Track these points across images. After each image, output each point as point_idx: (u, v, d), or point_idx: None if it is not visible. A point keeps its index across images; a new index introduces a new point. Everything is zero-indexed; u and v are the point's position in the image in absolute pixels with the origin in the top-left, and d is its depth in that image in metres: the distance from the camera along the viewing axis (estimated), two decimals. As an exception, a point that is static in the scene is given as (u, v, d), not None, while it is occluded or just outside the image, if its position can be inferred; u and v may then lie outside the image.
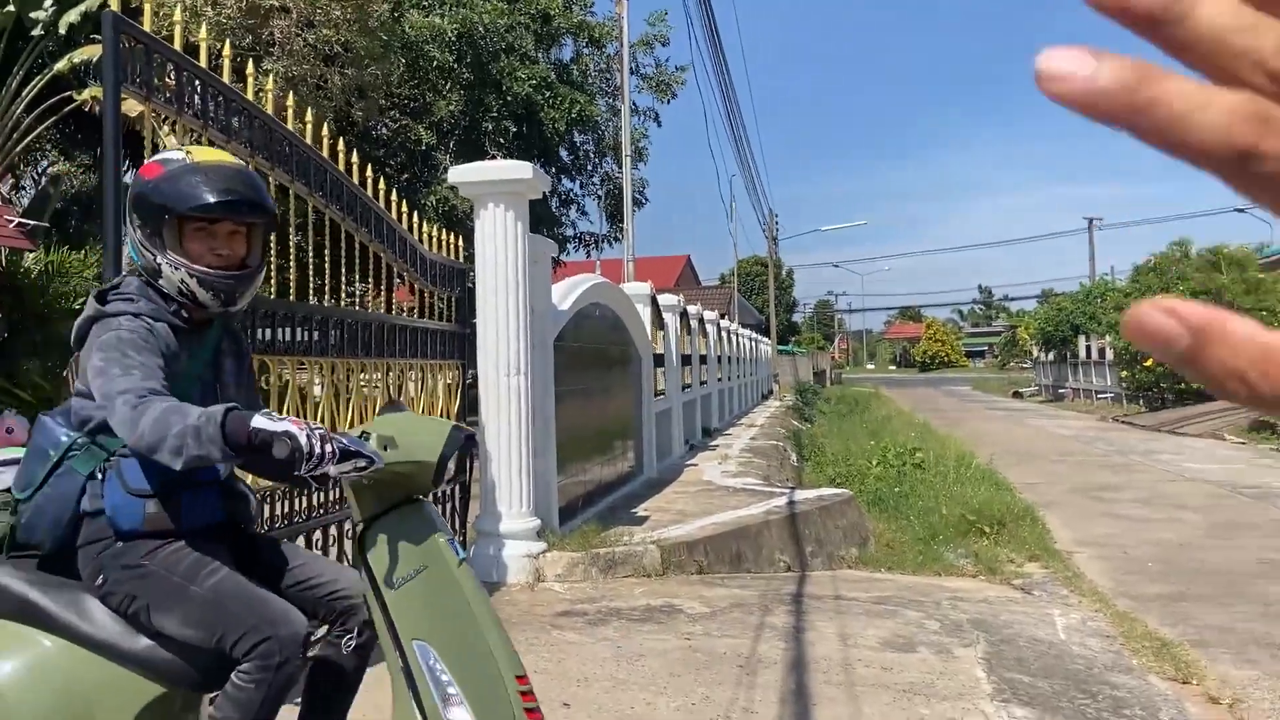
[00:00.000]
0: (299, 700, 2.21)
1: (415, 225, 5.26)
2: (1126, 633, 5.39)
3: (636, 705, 3.77)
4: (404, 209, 5.09)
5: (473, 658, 1.94)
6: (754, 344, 28.32)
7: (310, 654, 2.11)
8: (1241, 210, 53.82)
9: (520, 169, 5.60)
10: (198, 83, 3.48)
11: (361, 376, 4.59)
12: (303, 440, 1.77)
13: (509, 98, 17.13)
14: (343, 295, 4.55)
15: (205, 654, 2.01)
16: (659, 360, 11.53)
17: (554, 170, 23.10)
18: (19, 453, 2.15)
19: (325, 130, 4.53)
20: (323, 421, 4.18)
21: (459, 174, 5.71)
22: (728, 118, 28.67)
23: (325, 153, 4.36)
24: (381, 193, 4.87)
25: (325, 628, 2.21)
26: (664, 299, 12.16)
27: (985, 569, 7.16)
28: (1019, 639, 5.13)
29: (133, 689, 1.99)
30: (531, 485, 5.78)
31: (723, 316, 21.14)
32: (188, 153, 2.11)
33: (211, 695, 2.11)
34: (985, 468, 11.63)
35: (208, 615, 1.97)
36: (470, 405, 5.99)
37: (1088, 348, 34.20)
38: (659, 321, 11.72)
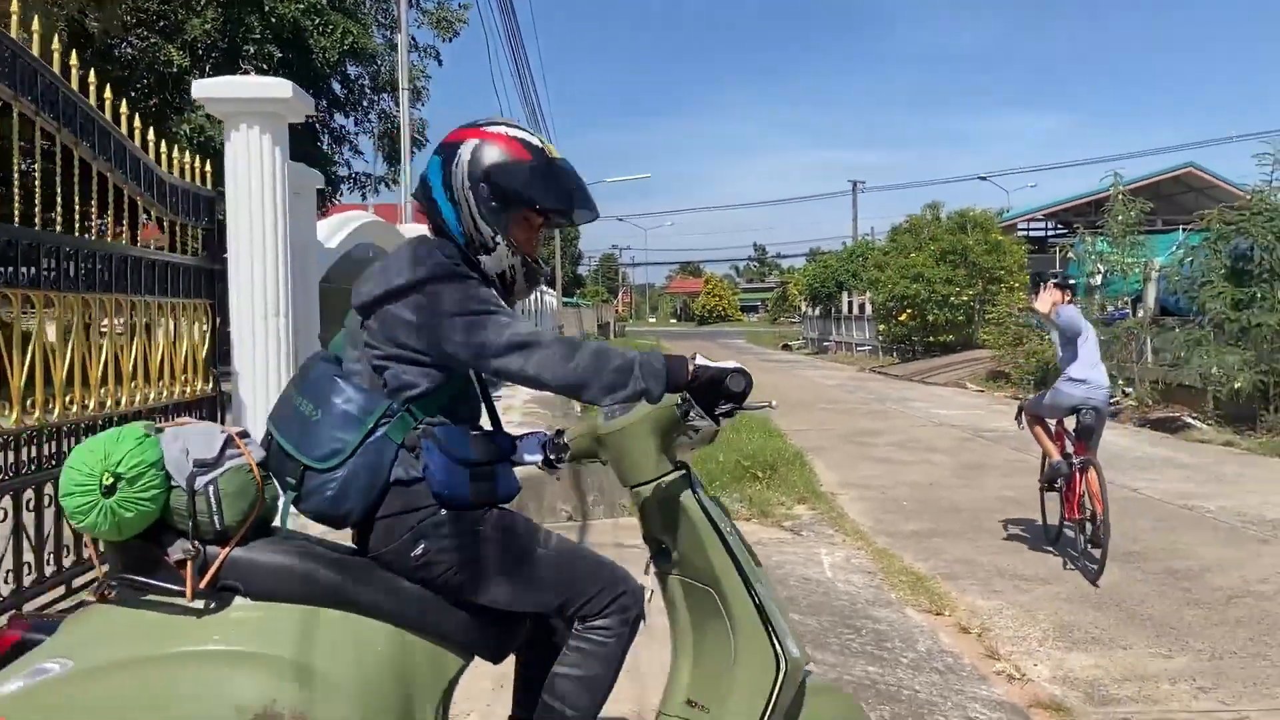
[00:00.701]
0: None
1: (161, 150, 4.62)
2: (885, 568, 5.69)
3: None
4: (136, 125, 4.43)
5: (772, 596, 2.16)
6: (540, 295, 28.12)
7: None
8: (984, 178, 58.79)
9: (278, 86, 5.04)
10: None
11: (89, 314, 3.98)
12: (750, 376, 1.95)
13: (273, 20, 15.77)
14: (57, 220, 3.90)
15: (510, 620, 2.01)
16: (438, 307, 11.09)
17: (325, 104, 21.74)
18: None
19: (36, 24, 3.84)
20: (35, 363, 3.59)
21: (206, 88, 5.07)
22: (514, 62, 27.86)
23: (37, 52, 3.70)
24: (108, 103, 4.22)
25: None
26: (444, 243, 11.70)
27: (759, 512, 7.38)
28: (790, 579, 5.28)
29: (443, 662, 1.94)
30: (293, 437, 5.32)
31: (506, 265, 20.74)
32: (542, 143, 2.07)
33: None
34: (759, 416, 12.08)
35: (557, 575, 2.00)
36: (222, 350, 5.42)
37: (850, 303, 36.45)
38: (438, 267, 11.26)
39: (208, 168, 5.28)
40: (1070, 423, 5.95)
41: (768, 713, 2.04)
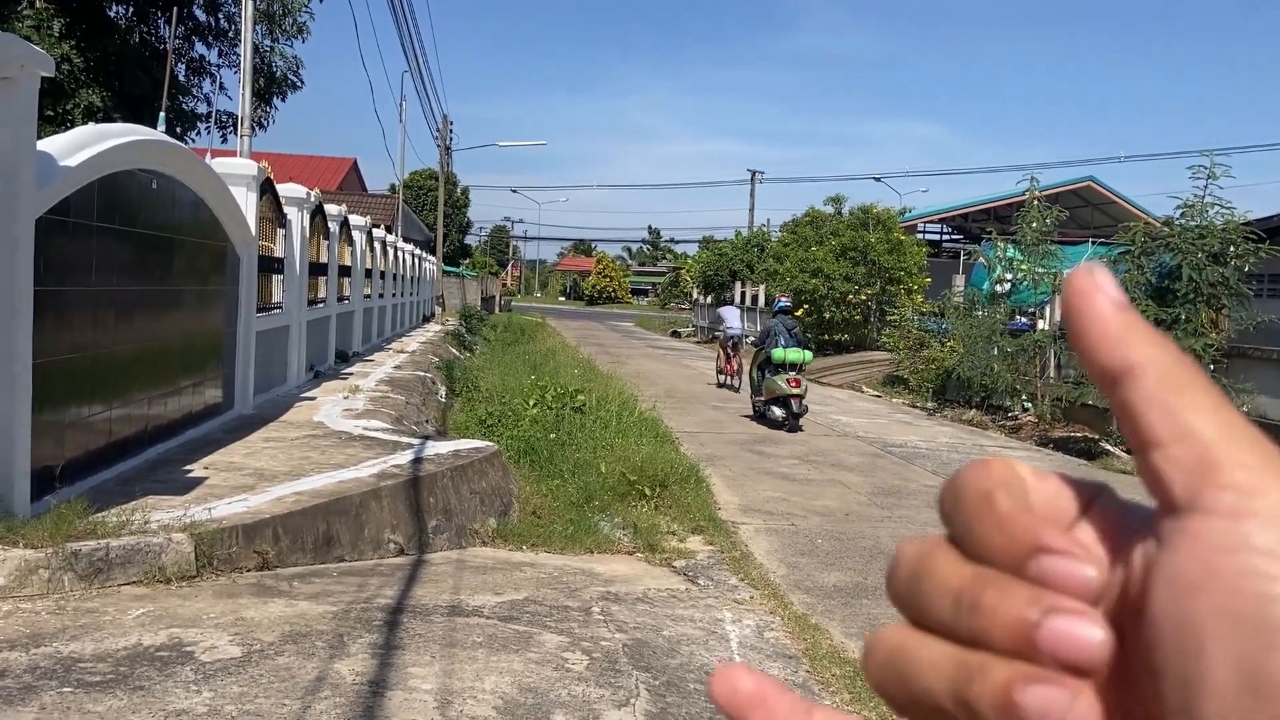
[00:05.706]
0: None
1: None
2: (811, 651, 4.29)
3: None
4: None
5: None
6: (417, 261, 26.01)
7: None
8: (879, 179, 59.02)
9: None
10: None
11: None
12: None
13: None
14: None
15: None
16: (271, 265, 9.18)
17: (186, 31, 19.65)
18: None
19: None
20: None
21: None
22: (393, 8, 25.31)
23: None
24: None
25: None
26: (288, 189, 9.75)
27: (644, 545, 5.94)
28: (688, 677, 3.79)
29: None
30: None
31: (377, 226, 18.72)
32: None
33: None
34: (648, 415, 10.61)
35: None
36: None
37: (743, 293, 35.43)
38: (278, 217, 9.34)
39: None
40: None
41: None
